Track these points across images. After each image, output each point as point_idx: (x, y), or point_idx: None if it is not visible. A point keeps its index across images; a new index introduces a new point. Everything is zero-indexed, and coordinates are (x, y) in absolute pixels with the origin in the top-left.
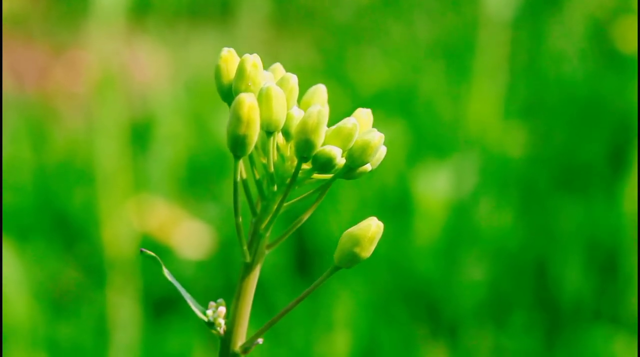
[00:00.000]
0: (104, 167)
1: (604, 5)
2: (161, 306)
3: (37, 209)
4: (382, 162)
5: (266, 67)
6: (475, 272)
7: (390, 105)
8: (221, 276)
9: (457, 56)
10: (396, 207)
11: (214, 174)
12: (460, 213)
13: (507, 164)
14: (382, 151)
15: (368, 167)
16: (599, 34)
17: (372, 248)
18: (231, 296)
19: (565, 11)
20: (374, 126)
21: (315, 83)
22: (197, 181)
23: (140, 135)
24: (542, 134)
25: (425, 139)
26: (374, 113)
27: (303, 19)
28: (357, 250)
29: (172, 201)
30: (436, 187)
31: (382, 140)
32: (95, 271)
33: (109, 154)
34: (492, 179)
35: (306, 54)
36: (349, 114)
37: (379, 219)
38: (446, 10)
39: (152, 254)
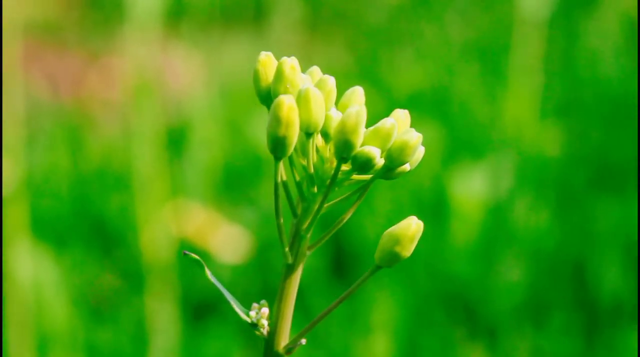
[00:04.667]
0: (141, 172)
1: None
2: (200, 310)
3: (74, 216)
4: (417, 164)
5: (302, 68)
6: (512, 273)
7: (425, 106)
8: (259, 280)
9: (491, 56)
10: (432, 209)
11: (250, 178)
12: (496, 214)
13: (543, 164)
14: (420, 151)
15: (407, 167)
16: (634, 32)
17: (413, 247)
18: (269, 300)
19: (600, 10)
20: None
21: (350, 86)
22: (234, 185)
23: (176, 141)
24: (578, 133)
25: (460, 140)
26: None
27: (336, 22)
28: (397, 249)
29: (208, 205)
30: (472, 188)
31: (421, 140)
32: (134, 276)
33: (145, 159)
34: (528, 179)
35: (340, 56)
36: (383, 116)
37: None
38: (479, 10)
39: (196, 257)
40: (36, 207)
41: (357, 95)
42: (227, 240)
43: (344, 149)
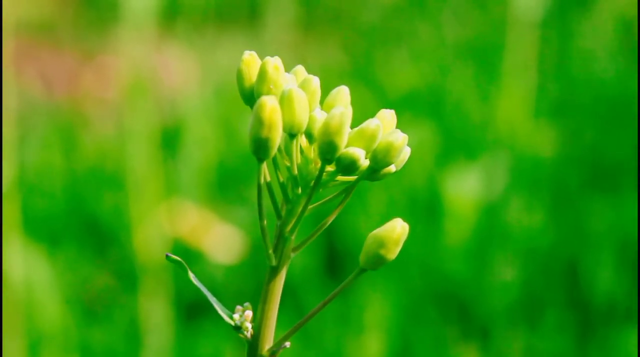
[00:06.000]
0: (135, 172)
1: (634, 3)
2: (193, 310)
3: (68, 215)
4: (411, 164)
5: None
6: (506, 272)
7: (419, 106)
8: (252, 280)
9: (485, 56)
10: (426, 208)
11: (244, 177)
12: (490, 214)
13: (537, 164)
14: (406, 152)
15: (392, 168)
16: (629, 33)
17: (398, 250)
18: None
19: (594, 10)
20: (403, 128)
21: (343, 85)
22: (227, 184)
23: (170, 140)
24: (572, 133)
25: (454, 140)
26: (402, 115)
27: (330, 22)
28: (382, 252)
29: (202, 205)
30: (466, 188)
31: (406, 141)
32: (127, 276)
33: (139, 159)
34: (522, 179)
35: (334, 56)
36: None
37: (409, 221)
38: (474, 10)
39: (178, 258)
40: (30, 206)
41: (342, 95)
42: (221, 240)
43: (328, 150)
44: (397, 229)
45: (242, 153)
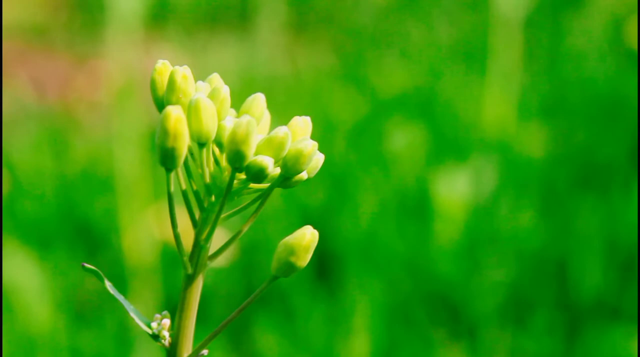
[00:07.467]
0: (125, 175)
1: (624, 2)
2: None
3: (58, 218)
4: (402, 165)
5: (288, 70)
6: (495, 273)
7: (409, 108)
8: (243, 283)
9: (476, 57)
10: (416, 209)
11: None
12: (480, 214)
13: (526, 164)
14: (318, 159)
15: (304, 175)
16: (619, 33)
17: (308, 257)
18: (253, 303)
19: (585, 10)
20: (393, 129)
21: (335, 87)
22: None
23: None
24: (562, 133)
25: (445, 141)
26: (394, 116)
27: (322, 24)
28: (292, 259)
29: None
30: (456, 188)
31: (316, 148)
32: (117, 279)
33: (129, 162)
34: (511, 179)
35: (325, 58)
36: (368, 117)
37: (399, 221)
38: (465, 11)
39: (94, 268)
40: (21, 209)
41: (257, 102)
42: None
43: (236, 158)
44: (306, 236)
45: None
